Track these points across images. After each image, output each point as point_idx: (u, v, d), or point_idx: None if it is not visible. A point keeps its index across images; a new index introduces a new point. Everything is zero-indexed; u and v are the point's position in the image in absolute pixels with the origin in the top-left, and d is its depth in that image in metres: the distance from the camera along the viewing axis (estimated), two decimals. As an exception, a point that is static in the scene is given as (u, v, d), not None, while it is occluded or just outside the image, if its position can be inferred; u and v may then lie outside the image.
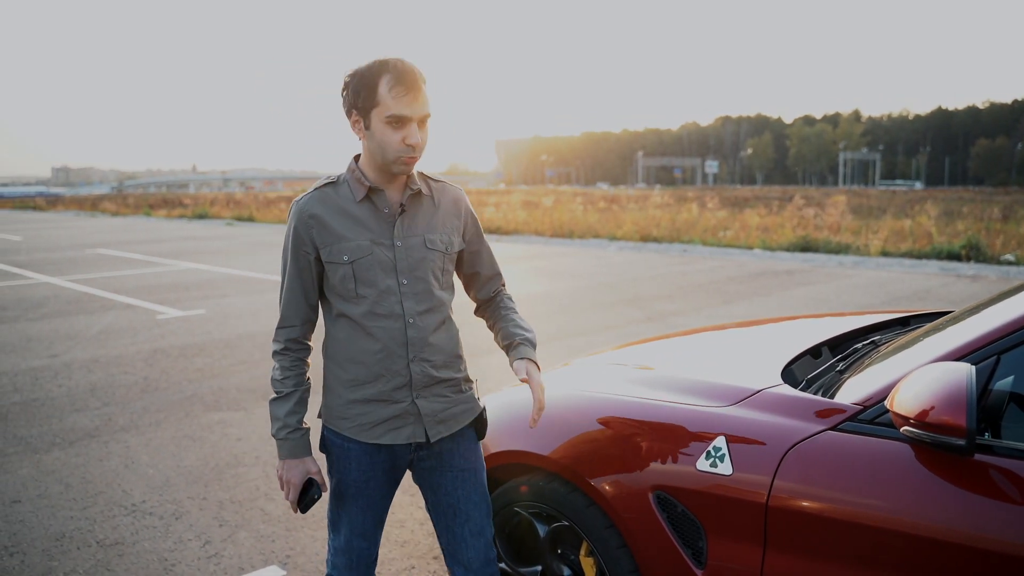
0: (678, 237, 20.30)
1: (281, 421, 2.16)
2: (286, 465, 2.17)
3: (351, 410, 2.15)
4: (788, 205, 30.61)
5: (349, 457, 2.17)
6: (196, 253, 18.19)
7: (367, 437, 2.14)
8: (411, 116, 1.98)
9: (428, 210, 2.15)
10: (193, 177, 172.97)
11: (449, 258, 2.18)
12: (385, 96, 1.96)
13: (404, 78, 1.96)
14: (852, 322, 3.06)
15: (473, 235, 2.26)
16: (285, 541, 3.74)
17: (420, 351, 2.11)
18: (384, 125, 1.98)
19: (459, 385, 2.22)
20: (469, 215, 2.25)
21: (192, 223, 31.75)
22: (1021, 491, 1.69)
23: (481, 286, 2.33)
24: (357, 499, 2.20)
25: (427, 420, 2.14)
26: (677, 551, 2.15)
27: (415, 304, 2.10)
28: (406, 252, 2.09)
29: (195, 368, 7.06)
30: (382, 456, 2.17)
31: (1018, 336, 1.81)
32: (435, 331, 2.14)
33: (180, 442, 5.11)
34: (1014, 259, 14.91)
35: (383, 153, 2.01)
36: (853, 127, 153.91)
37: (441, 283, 2.17)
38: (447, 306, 2.19)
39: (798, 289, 11.64)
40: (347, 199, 2.10)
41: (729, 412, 2.18)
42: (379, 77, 1.96)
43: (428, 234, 2.13)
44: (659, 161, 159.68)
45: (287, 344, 2.18)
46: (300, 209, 2.10)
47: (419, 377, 2.12)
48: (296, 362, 2.19)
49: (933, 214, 24.98)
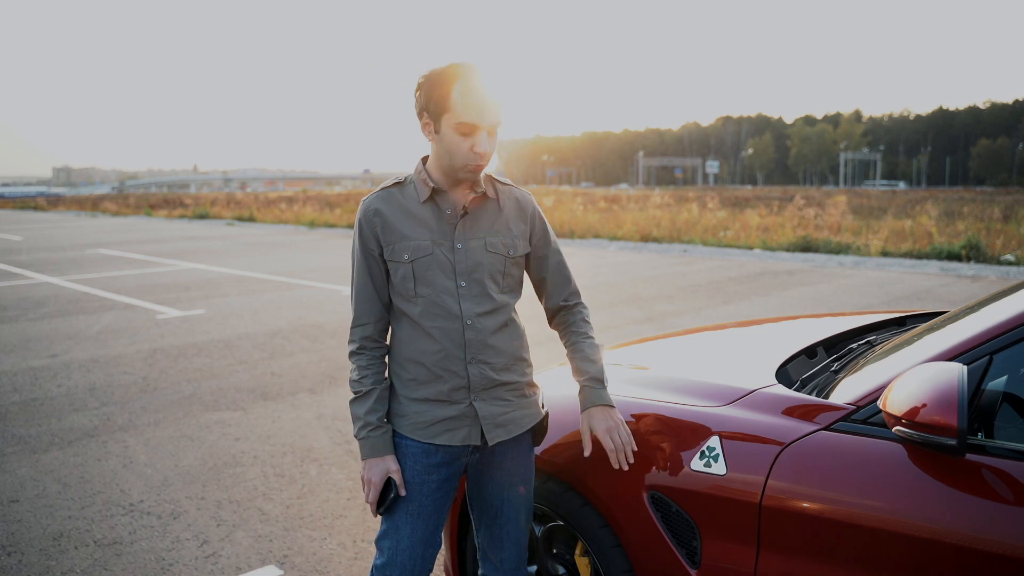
0: (678, 237, 20.30)
1: (362, 420, 2.14)
2: (368, 464, 2.14)
3: (409, 408, 2.15)
4: (788, 205, 30.59)
5: (404, 456, 2.15)
6: (196, 253, 18.20)
7: (423, 436, 2.13)
8: (481, 125, 1.98)
9: (492, 213, 2.15)
10: (194, 177, 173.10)
11: (512, 262, 2.17)
12: (457, 103, 1.96)
13: (478, 86, 1.96)
14: (848, 322, 3.06)
15: (541, 240, 2.24)
16: (283, 541, 3.75)
17: (478, 353, 2.11)
18: (453, 131, 1.98)
19: (522, 389, 2.21)
20: (536, 218, 2.23)
21: (193, 223, 31.76)
22: (1014, 491, 1.69)
23: (548, 294, 2.30)
24: (407, 505, 2.15)
25: (485, 423, 2.14)
26: (671, 551, 2.15)
27: (473, 306, 2.10)
28: (466, 254, 2.10)
29: (194, 368, 7.07)
30: (439, 457, 2.15)
31: (1011, 336, 1.81)
32: (495, 333, 2.13)
33: (178, 442, 5.12)
34: (1014, 259, 14.90)
35: (450, 158, 2.02)
36: (854, 127, 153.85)
37: (501, 286, 2.15)
38: (510, 308, 2.17)
39: (798, 289, 11.64)
40: (412, 199, 2.11)
41: (723, 412, 2.18)
42: (452, 83, 1.96)
43: (489, 237, 2.12)
44: (660, 161, 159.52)
45: (362, 343, 2.17)
46: (366, 206, 2.12)
47: (477, 379, 2.12)
48: (373, 360, 2.17)
49: (934, 214, 24.98)
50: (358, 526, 3.90)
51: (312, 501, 4.20)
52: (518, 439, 2.23)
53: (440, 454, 2.15)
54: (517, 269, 2.20)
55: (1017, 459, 1.73)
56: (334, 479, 4.50)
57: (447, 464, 2.16)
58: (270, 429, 5.37)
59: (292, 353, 7.64)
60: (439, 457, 2.15)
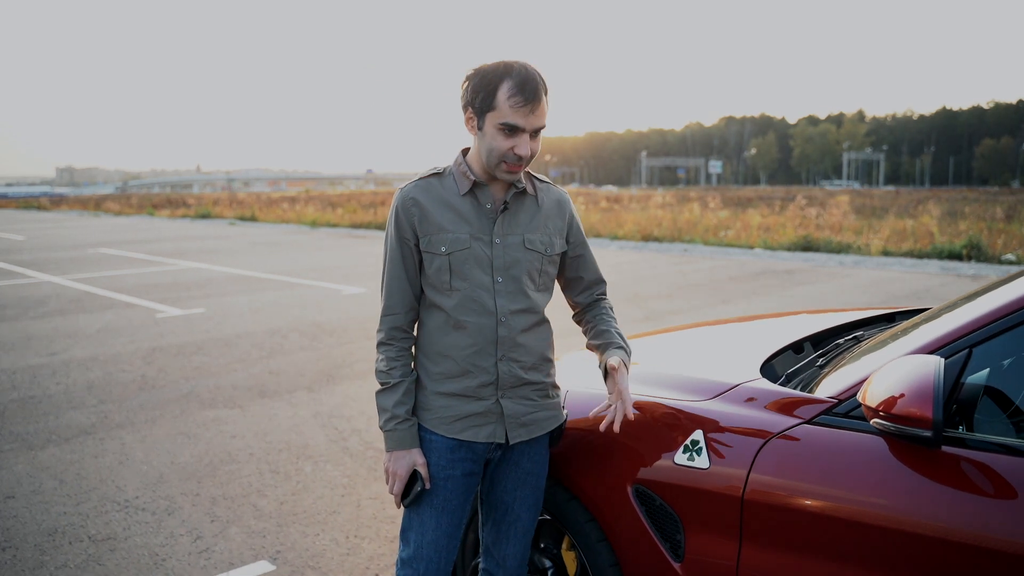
0: (679, 237, 20.29)
1: (389, 412, 2.14)
2: (393, 457, 2.14)
3: (435, 402, 2.15)
4: (790, 205, 30.58)
5: (430, 450, 2.15)
6: (198, 252, 18.23)
7: (447, 431, 2.14)
8: (524, 127, 1.97)
9: (531, 210, 2.15)
10: (197, 177, 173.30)
11: (548, 260, 2.17)
12: (502, 103, 1.94)
13: (525, 87, 1.94)
14: (837, 318, 3.06)
15: (577, 239, 2.25)
16: (276, 537, 3.76)
17: (509, 350, 2.11)
18: (496, 131, 1.98)
19: (546, 390, 2.22)
20: (573, 218, 2.24)
21: (195, 223, 31.81)
22: (992, 483, 1.70)
23: (582, 291, 2.31)
24: (432, 499, 2.16)
25: (509, 422, 2.14)
26: (655, 544, 2.16)
27: (508, 303, 2.10)
28: (504, 250, 2.09)
29: (193, 366, 7.09)
30: (462, 453, 2.15)
31: (990, 329, 1.82)
32: (526, 332, 2.13)
33: (175, 439, 5.14)
34: (1015, 259, 14.88)
35: (489, 156, 2.02)
36: (857, 127, 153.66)
37: (537, 284, 2.15)
38: (541, 307, 2.18)
39: (798, 288, 11.64)
40: (451, 191, 2.10)
41: (707, 406, 2.19)
42: (500, 82, 1.95)
43: (528, 234, 2.12)
44: (663, 161, 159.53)
45: (391, 333, 2.16)
46: (403, 195, 2.11)
47: (506, 377, 2.12)
48: (402, 352, 2.17)
49: (936, 214, 24.95)
50: (351, 522, 3.91)
51: (306, 497, 4.21)
52: (538, 439, 2.24)
53: (464, 449, 2.15)
54: (552, 267, 2.19)
55: (995, 451, 1.74)
56: (329, 476, 4.51)
57: (471, 459, 2.17)
58: (267, 426, 5.39)
59: (291, 352, 7.66)
60: (463, 452, 2.15)
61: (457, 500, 2.18)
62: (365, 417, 5.57)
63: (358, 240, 22.08)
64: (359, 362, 7.20)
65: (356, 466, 4.66)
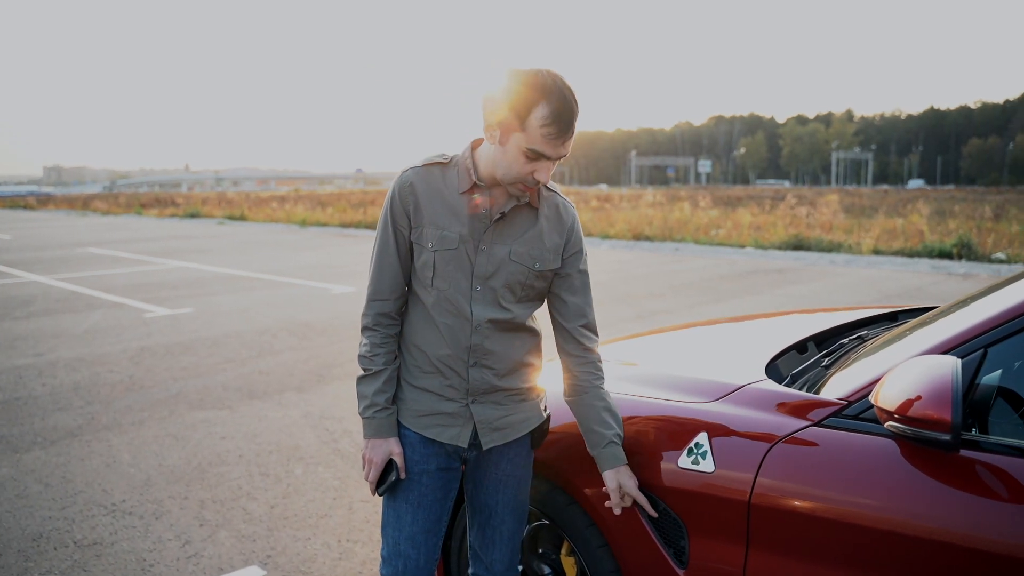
0: (670, 236, 20.27)
1: (368, 400, 2.09)
2: (370, 444, 2.10)
3: (407, 394, 2.10)
4: (780, 204, 30.63)
5: (404, 443, 2.11)
6: (186, 252, 18.10)
7: (414, 425, 2.09)
8: (551, 156, 1.87)
9: (528, 221, 2.03)
10: (186, 176, 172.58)
11: (536, 275, 2.04)
12: (534, 128, 1.82)
13: (561, 118, 1.81)
14: (839, 317, 3.01)
15: (572, 258, 2.09)
16: (266, 541, 3.68)
17: (483, 357, 2.04)
18: (520, 152, 1.86)
19: (523, 394, 2.14)
20: (573, 232, 2.09)
21: (184, 222, 31.62)
22: (1007, 487, 1.65)
23: (563, 315, 2.12)
24: (408, 494, 2.12)
25: (481, 427, 2.08)
26: (658, 550, 2.10)
27: (484, 311, 2.02)
28: (488, 259, 2.00)
29: (180, 367, 6.99)
30: (433, 448, 2.11)
31: (1006, 329, 1.76)
32: (503, 340, 2.06)
33: (163, 441, 5.05)
34: (1005, 257, 14.90)
35: (506, 174, 1.91)
36: (846, 127, 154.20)
37: (518, 296, 2.05)
38: (523, 318, 2.07)
39: (789, 287, 11.61)
40: (451, 185, 2.01)
41: (711, 408, 2.13)
42: (535, 104, 1.80)
43: (516, 246, 2.01)
44: (652, 160, 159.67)
45: (378, 319, 2.08)
46: (403, 180, 2.02)
47: (478, 383, 2.06)
48: (387, 339, 2.09)
49: (925, 213, 25.04)
50: (343, 526, 3.84)
51: (297, 501, 4.14)
52: (517, 441, 2.17)
53: (435, 445, 2.11)
54: (541, 282, 2.07)
55: (1012, 455, 1.68)
56: (320, 478, 4.44)
57: (443, 455, 2.12)
58: (256, 428, 5.30)
59: (280, 351, 7.57)
60: (434, 448, 2.11)
61: (434, 495, 2.14)
62: (356, 418, 5.49)
63: (348, 239, 21.98)
64: (349, 362, 7.12)
65: (348, 468, 4.59)
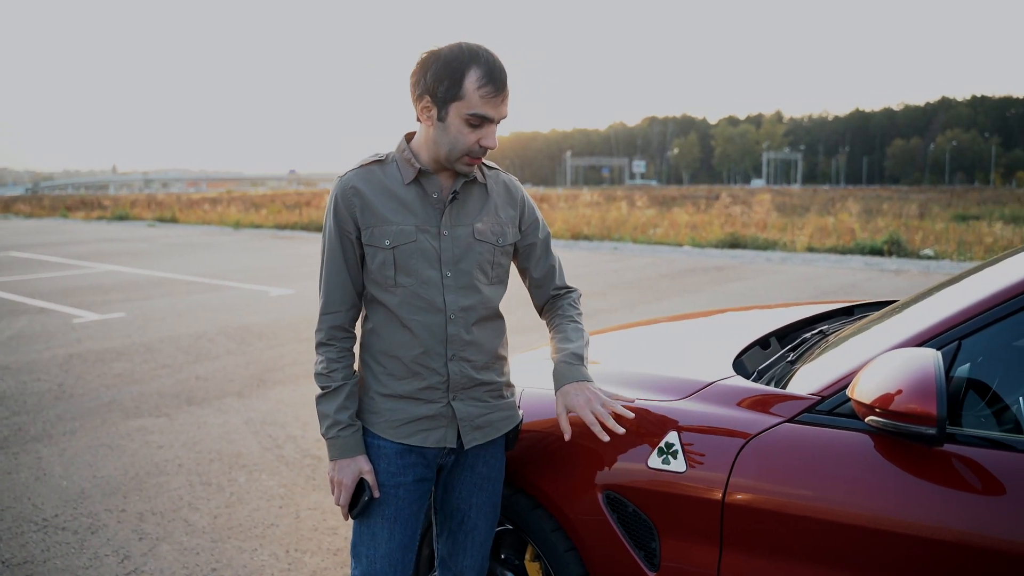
0: (609, 235, 20.39)
1: (331, 418, 1.99)
2: (338, 466, 1.99)
3: (382, 405, 2.00)
4: (715, 203, 31.08)
5: (378, 457, 2.01)
6: (116, 255, 17.55)
7: (395, 435, 1.99)
8: (494, 118, 1.84)
9: (480, 198, 2.01)
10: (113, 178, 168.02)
11: (501, 251, 2.03)
12: (471, 92, 1.80)
13: (495, 76, 1.81)
14: (798, 312, 3.00)
15: (531, 226, 2.10)
16: (211, 553, 3.53)
17: (460, 349, 1.97)
18: (462, 122, 1.83)
19: (500, 390, 2.09)
20: (526, 204, 2.10)
21: (112, 225, 30.73)
22: (986, 481, 1.62)
23: (539, 283, 2.16)
24: (383, 509, 2.02)
25: (463, 425, 2.01)
26: (629, 553, 2.04)
27: (458, 298, 1.96)
28: (452, 242, 1.95)
29: (114, 373, 6.73)
30: (412, 458, 2.01)
31: (980, 320, 1.74)
32: (479, 328, 2.00)
33: (97, 451, 4.84)
34: (933, 254, 15.33)
35: (451, 149, 1.87)
36: (776, 128, 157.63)
37: (490, 277, 2.01)
38: (495, 303, 2.04)
39: (729, 285, 11.74)
40: (394, 180, 1.95)
41: (681, 406, 2.08)
42: (467, 68, 1.80)
43: (478, 224, 1.98)
44: (587, 161, 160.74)
45: (331, 333, 2.00)
46: (343, 184, 1.94)
47: (457, 377, 1.98)
48: (343, 353, 2.01)
49: (855, 211, 25.67)
50: (291, 535, 3.71)
51: (241, 510, 3.98)
52: (493, 442, 2.11)
53: (414, 454, 2.02)
54: (506, 258, 2.06)
55: (989, 447, 1.66)
56: (264, 486, 4.29)
57: (422, 465, 2.03)
58: (196, 435, 5.12)
59: (218, 356, 7.35)
60: (413, 457, 2.02)
61: (410, 509, 2.04)
62: (300, 423, 5.35)
63: (284, 241, 21.61)
64: (291, 365, 6.95)
65: (293, 475, 4.44)
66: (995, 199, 42.90)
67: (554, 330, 2.14)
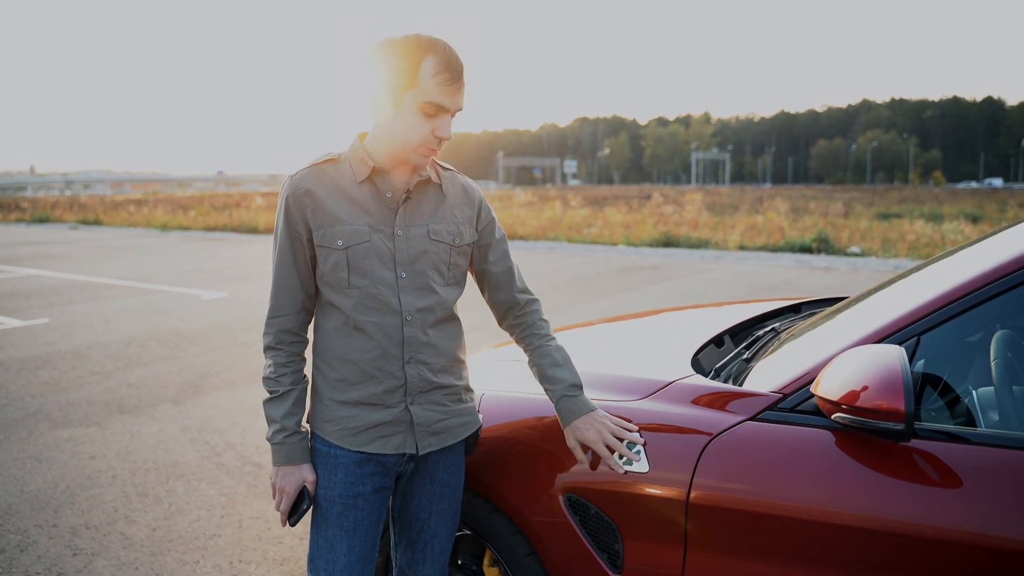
0: (544, 235, 20.46)
1: (278, 424, 1.92)
2: (281, 472, 1.93)
3: (337, 412, 1.93)
4: (647, 203, 31.45)
5: (335, 466, 1.94)
6: (37, 259, 16.94)
7: (351, 443, 1.93)
8: (450, 108, 1.80)
9: (435, 198, 1.97)
10: (32, 179, 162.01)
11: (457, 251, 1.98)
12: (427, 80, 1.77)
13: (452, 64, 1.78)
14: (748, 310, 3.02)
15: (487, 227, 2.06)
16: (150, 567, 3.41)
17: (417, 352, 1.92)
18: (417, 111, 1.79)
19: (459, 394, 2.03)
20: (482, 205, 2.07)
21: (31, 227, 29.68)
22: (947, 475, 1.64)
23: (497, 287, 2.10)
24: (342, 520, 1.95)
25: (419, 430, 1.95)
26: (591, 556, 2.02)
27: (414, 299, 1.90)
28: (407, 242, 1.90)
29: (39, 382, 6.48)
30: (371, 467, 1.95)
31: (937, 316, 1.76)
32: (436, 330, 1.95)
33: (24, 464, 4.63)
34: (860, 251, 15.75)
35: (405, 139, 1.82)
36: (704, 128, 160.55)
37: (446, 278, 1.97)
38: (451, 303, 1.99)
39: (665, 283, 11.86)
40: (347, 179, 1.89)
41: (642, 406, 2.06)
42: (423, 56, 1.77)
43: (433, 224, 1.93)
44: (519, 161, 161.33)
45: (280, 336, 1.94)
46: (294, 184, 1.87)
47: (415, 381, 1.93)
48: (292, 357, 1.95)
49: (782, 210, 26.25)
50: (234, 546, 3.60)
51: (181, 521, 3.86)
52: (452, 448, 2.06)
53: (372, 463, 1.95)
54: (463, 259, 2.02)
55: (948, 441, 1.68)
56: (204, 496, 4.16)
57: (381, 474, 1.97)
58: (129, 445, 4.94)
59: (150, 362, 7.13)
60: (371, 466, 1.95)
61: (369, 520, 1.98)
62: (239, 429, 5.21)
63: (214, 243, 21.13)
64: (227, 370, 6.78)
65: (234, 483, 4.32)
66: (914, 198, 44.47)
67: (534, 352, 2.09)
